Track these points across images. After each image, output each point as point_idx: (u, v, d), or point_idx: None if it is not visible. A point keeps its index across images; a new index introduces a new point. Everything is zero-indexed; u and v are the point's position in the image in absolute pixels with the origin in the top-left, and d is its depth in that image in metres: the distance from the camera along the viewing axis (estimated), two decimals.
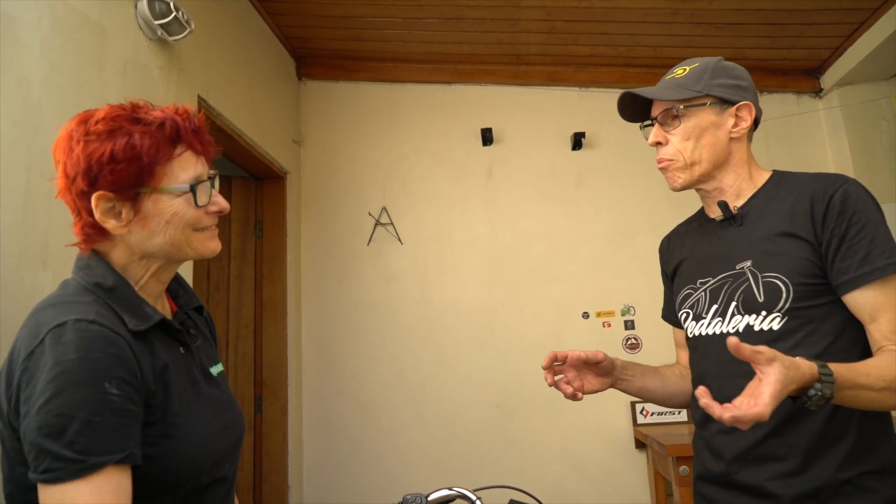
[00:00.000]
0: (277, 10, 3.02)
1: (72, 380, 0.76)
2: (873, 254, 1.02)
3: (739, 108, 1.16)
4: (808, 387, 0.87)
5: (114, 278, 0.90)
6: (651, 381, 1.28)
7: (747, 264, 1.11)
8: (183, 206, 0.91)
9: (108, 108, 0.89)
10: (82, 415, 0.75)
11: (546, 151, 3.40)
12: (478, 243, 3.34)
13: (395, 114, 3.49)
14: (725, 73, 1.18)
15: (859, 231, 1.03)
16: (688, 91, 1.15)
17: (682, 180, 1.19)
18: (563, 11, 2.92)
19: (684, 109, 1.15)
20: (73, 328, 0.79)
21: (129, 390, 0.80)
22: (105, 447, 0.75)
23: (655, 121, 1.20)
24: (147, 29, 1.93)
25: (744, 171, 1.19)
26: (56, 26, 1.56)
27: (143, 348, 0.86)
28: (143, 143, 0.86)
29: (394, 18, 3.03)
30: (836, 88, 3.35)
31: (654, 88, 1.20)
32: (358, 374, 3.24)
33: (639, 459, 3.10)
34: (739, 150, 1.18)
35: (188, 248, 0.94)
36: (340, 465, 3.14)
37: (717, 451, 1.12)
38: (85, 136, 0.86)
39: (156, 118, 0.89)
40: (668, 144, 1.18)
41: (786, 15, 2.89)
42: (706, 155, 1.16)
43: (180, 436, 0.86)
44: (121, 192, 0.87)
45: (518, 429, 3.16)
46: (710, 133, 1.16)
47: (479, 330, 3.26)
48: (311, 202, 3.42)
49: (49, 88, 1.51)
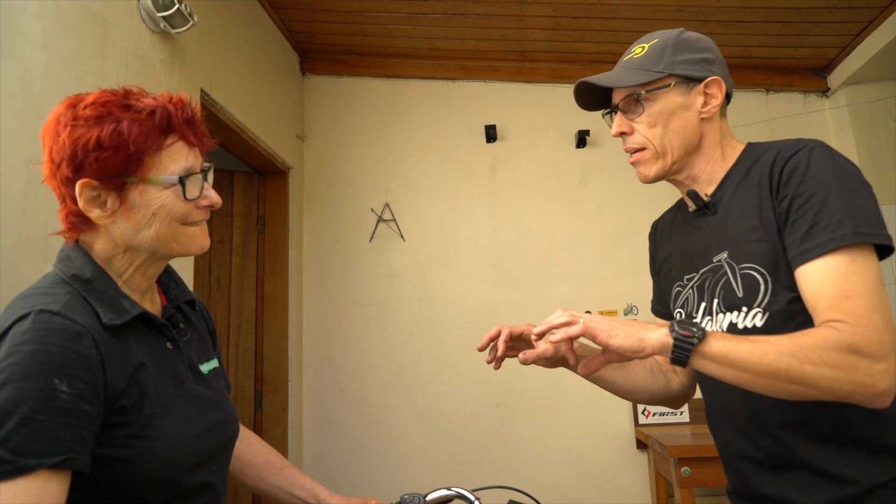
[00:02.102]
0: (281, 4, 3.00)
1: (19, 373, 0.71)
2: (816, 228, 0.89)
3: (708, 85, 1.05)
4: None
5: (92, 270, 0.86)
6: (613, 373, 1.18)
7: (724, 256, 1.02)
8: (171, 198, 0.87)
9: (99, 93, 0.86)
10: (22, 411, 0.70)
11: (550, 149, 3.39)
12: (480, 241, 3.32)
13: (399, 110, 3.47)
14: (688, 47, 1.06)
15: (805, 202, 0.91)
16: (648, 73, 1.04)
17: (654, 171, 1.09)
18: (568, 8, 2.90)
19: (647, 94, 1.04)
20: (33, 319, 0.75)
21: (84, 388, 0.75)
22: (41, 448, 0.70)
23: (617, 109, 1.09)
24: (150, 21, 1.92)
25: (716, 152, 1.08)
26: (58, 17, 1.54)
27: (115, 344, 0.82)
28: (132, 131, 0.83)
29: (398, 14, 3.02)
30: (843, 88, 3.32)
31: (610, 74, 1.09)
32: (358, 371, 3.23)
33: (640, 460, 3.09)
34: (711, 131, 1.07)
35: (175, 244, 0.90)
36: (340, 463, 3.13)
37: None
38: (72, 121, 0.83)
39: (147, 105, 0.85)
40: (633, 133, 1.08)
41: (793, 13, 2.87)
42: (677, 141, 1.06)
43: (156, 436, 0.82)
44: (106, 181, 0.83)
45: (518, 428, 3.14)
46: (678, 116, 1.05)
47: (481, 328, 3.24)
48: (314, 197, 3.41)
49: (51, 80, 1.49)
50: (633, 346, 0.88)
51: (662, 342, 0.87)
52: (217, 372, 1.04)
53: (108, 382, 0.79)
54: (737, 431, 1.04)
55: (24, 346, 0.73)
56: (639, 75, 1.04)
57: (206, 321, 1.11)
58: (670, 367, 1.23)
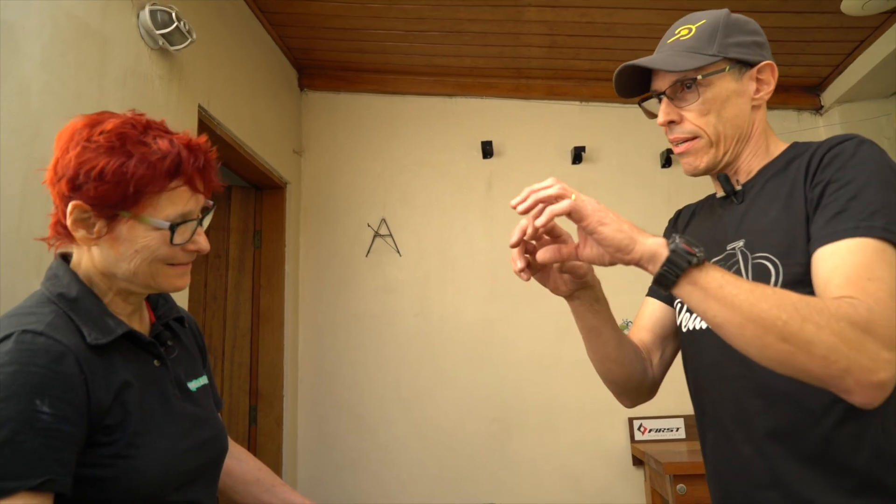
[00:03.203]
0: (280, 22, 3.03)
1: (1, 395, 0.71)
2: (846, 214, 0.82)
3: (761, 70, 0.98)
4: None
5: (78, 289, 0.86)
6: (611, 330, 1.04)
7: (739, 245, 0.96)
8: (157, 240, 0.86)
9: (120, 122, 0.86)
10: (3, 432, 0.70)
11: (546, 165, 3.40)
12: (477, 256, 3.33)
13: (396, 125, 3.49)
14: (740, 28, 0.99)
15: (840, 188, 0.84)
16: (702, 57, 0.96)
17: (706, 162, 1.00)
18: (564, 26, 2.93)
19: (702, 79, 0.96)
20: (15, 340, 0.75)
21: (66, 409, 0.75)
22: (21, 471, 0.70)
23: (664, 95, 1.00)
24: (148, 38, 1.93)
25: (762, 144, 1.01)
26: (57, 35, 1.56)
27: (100, 363, 0.82)
28: (137, 171, 0.82)
29: (396, 31, 3.04)
30: (836, 105, 3.36)
31: (660, 57, 1.00)
32: (355, 386, 3.22)
33: (636, 477, 3.07)
34: (760, 120, 1.01)
35: (151, 281, 0.89)
36: (335, 479, 3.11)
37: None
38: (85, 142, 0.83)
39: (160, 149, 0.85)
40: (682, 122, 1.00)
41: (785, 32, 2.90)
42: (731, 130, 0.98)
43: (140, 455, 0.81)
44: (99, 209, 0.84)
45: (515, 443, 3.13)
46: (732, 103, 0.97)
47: (477, 343, 3.24)
48: (311, 213, 3.42)
49: (49, 97, 1.51)
50: (622, 243, 0.80)
51: (654, 251, 0.79)
52: (206, 389, 1.03)
53: (91, 402, 0.78)
54: (722, 433, 0.98)
55: (6, 368, 0.73)
56: (691, 59, 0.96)
57: (196, 338, 1.11)
58: (647, 356, 1.15)
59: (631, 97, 1.09)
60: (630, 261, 0.81)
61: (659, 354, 1.17)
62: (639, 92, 1.06)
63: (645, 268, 0.81)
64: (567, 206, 0.80)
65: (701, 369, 1.02)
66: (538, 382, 3.18)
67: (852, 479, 0.83)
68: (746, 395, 0.92)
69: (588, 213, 0.80)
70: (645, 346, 1.17)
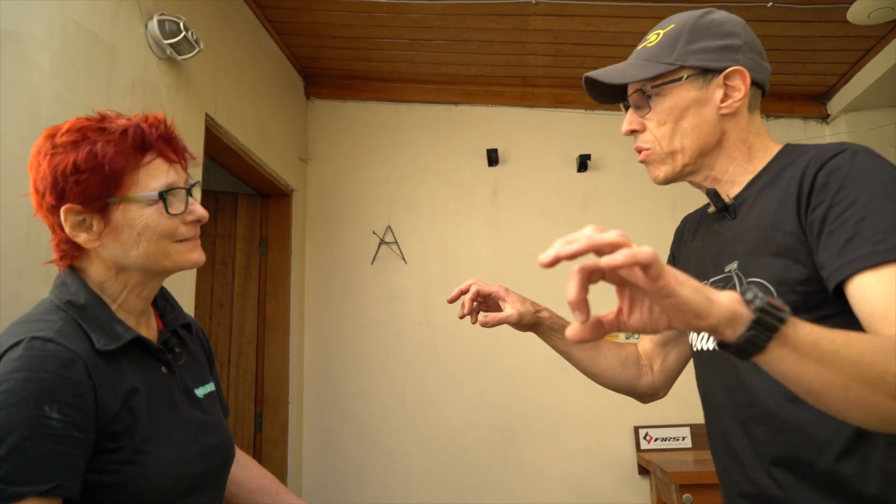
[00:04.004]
0: (287, 31, 3.05)
1: (10, 400, 0.72)
2: (857, 238, 0.74)
3: (728, 76, 0.91)
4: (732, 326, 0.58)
5: (86, 296, 0.86)
6: (583, 352, 1.10)
7: (734, 266, 0.91)
8: (154, 216, 0.87)
9: (74, 121, 0.88)
10: (13, 438, 0.70)
11: (551, 173, 3.41)
12: (482, 264, 3.33)
13: (402, 133, 3.51)
14: (709, 32, 0.93)
15: (845, 210, 0.76)
16: (657, 65, 0.92)
17: (663, 173, 0.97)
18: (569, 35, 2.94)
19: (653, 89, 0.93)
20: (25, 347, 0.76)
21: (75, 415, 0.75)
22: (30, 476, 0.70)
23: (629, 105, 0.98)
24: (156, 48, 1.95)
25: (740, 152, 0.95)
26: (67, 45, 1.58)
27: (108, 370, 0.82)
28: (106, 152, 0.84)
29: (402, 40, 3.06)
30: (843, 114, 3.35)
31: (617, 67, 0.98)
32: (359, 393, 3.22)
33: (641, 486, 3.06)
34: (735, 128, 0.94)
35: (165, 261, 0.90)
36: (340, 486, 3.11)
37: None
38: (51, 150, 0.85)
39: (119, 126, 0.87)
40: (644, 131, 0.97)
41: (791, 41, 2.90)
42: (689, 141, 0.93)
43: (147, 461, 0.82)
44: (88, 204, 0.85)
45: (519, 452, 3.12)
46: (692, 113, 0.93)
47: (482, 351, 3.24)
48: (317, 220, 3.43)
49: (58, 106, 1.52)
50: (699, 306, 0.56)
51: (734, 310, 0.57)
52: (213, 396, 1.03)
53: (99, 408, 0.79)
54: (733, 459, 0.96)
55: (16, 374, 0.74)
56: (646, 68, 0.93)
57: (203, 345, 1.11)
58: (647, 362, 1.15)
59: (608, 102, 1.06)
60: (704, 328, 0.58)
61: (660, 361, 1.17)
62: (618, 97, 1.03)
63: (721, 334, 0.59)
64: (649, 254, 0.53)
65: (710, 391, 1.00)
66: (542, 390, 3.17)
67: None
68: (753, 422, 0.89)
69: (665, 271, 0.55)
70: (646, 353, 1.18)
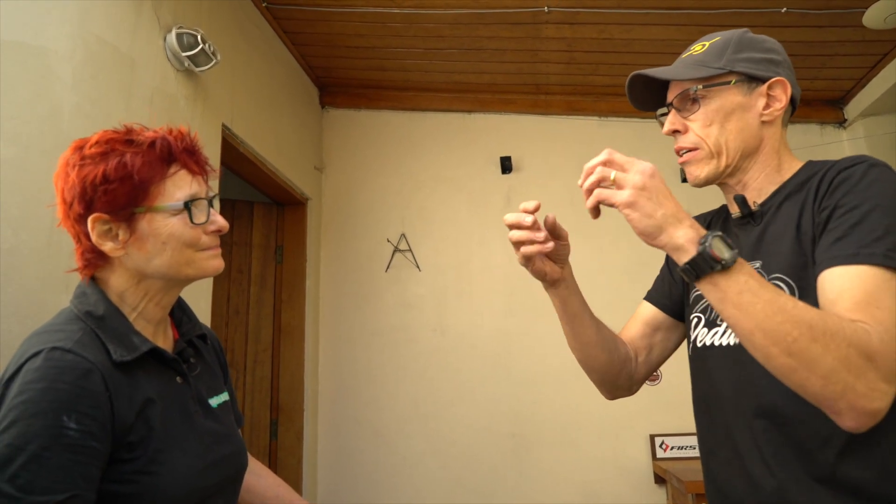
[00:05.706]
0: (302, 41, 3.09)
1: (30, 411, 0.73)
2: (847, 239, 0.82)
3: (771, 86, 0.98)
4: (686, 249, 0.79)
5: (105, 307, 0.88)
6: (588, 318, 1.15)
7: (756, 265, 0.96)
8: (179, 225, 0.90)
9: (102, 133, 0.91)
10: (31, 448, 0.72)
11: (565, 180, 3.40)
12: (495, 271, 3.33)
13: (416, 141, 3.53)
14: (753, 45, 1.00)
15: (846, 213, 0.84)
16: (707, 68, 0.98)
17: (706, 173, 1.01)
18: (582, 42, 2.95)
19: (704, 90, 0.98)
20: (45, 357, 0.77)
21: (92, 425, 0.77)
22: (48, 486, 0.71)
23: (671, 106, 1.03)
24: (175, 60, 1.99)
25: (773, 161, 1.01)
26: (88, 59, 1.61)
27: (124, 380, 0.84)
28: (135, 163, 0.87)
29: (415, 49, 3.09)
30: (860, 119, 3.32)
31: (668, 68, 1.04)
32: (374, 401, 3.23)
33: (657, 495, 3.03)
34: (772, 137, 1.00)
35: (189, 269, 0.93)
36: (354, 494, 3.12)
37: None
38: (80, 161, 0.88)
39: (147, 138, 0.90)
40: (687, 132, 1.02)
41: (807, 46, 2.89)
42: (733, 142, 0.98)
43: (162, 472, 0.83)
44: (116, 213, 0.87)
45: (534, 459, 3.11)
46: (737, 116, 0.98)
47: (496, 359, 3.24)
48: (331, 228, 3.46)
49: (79, 118, 1.56)
50: (647, 230, 0.82)
51: (681, 246, 0.80)
52: (227, 406, 1.05)
53: (115, 418, 0.80)
54: (732, 452, 0.96)
55: (35, 385, 0.75)
56: (696, 70, 0.99)
57: (218, 354, 1.13)
58: (634, 354, 1.18)
59: (646, 110, 1.12)
60: (656, 246, 0.83)
61: (645, 353, 1.20)
62: (655, 105, 1.09)
63: (674, 256, 0.82)
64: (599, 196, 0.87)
65: (716, 386, 1.01)
66: (557, 397, 3.16)
67: (862, 500, 0.82)
68: (755, 415, 0.91)
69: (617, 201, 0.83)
70: (633, 343, 1.20)
